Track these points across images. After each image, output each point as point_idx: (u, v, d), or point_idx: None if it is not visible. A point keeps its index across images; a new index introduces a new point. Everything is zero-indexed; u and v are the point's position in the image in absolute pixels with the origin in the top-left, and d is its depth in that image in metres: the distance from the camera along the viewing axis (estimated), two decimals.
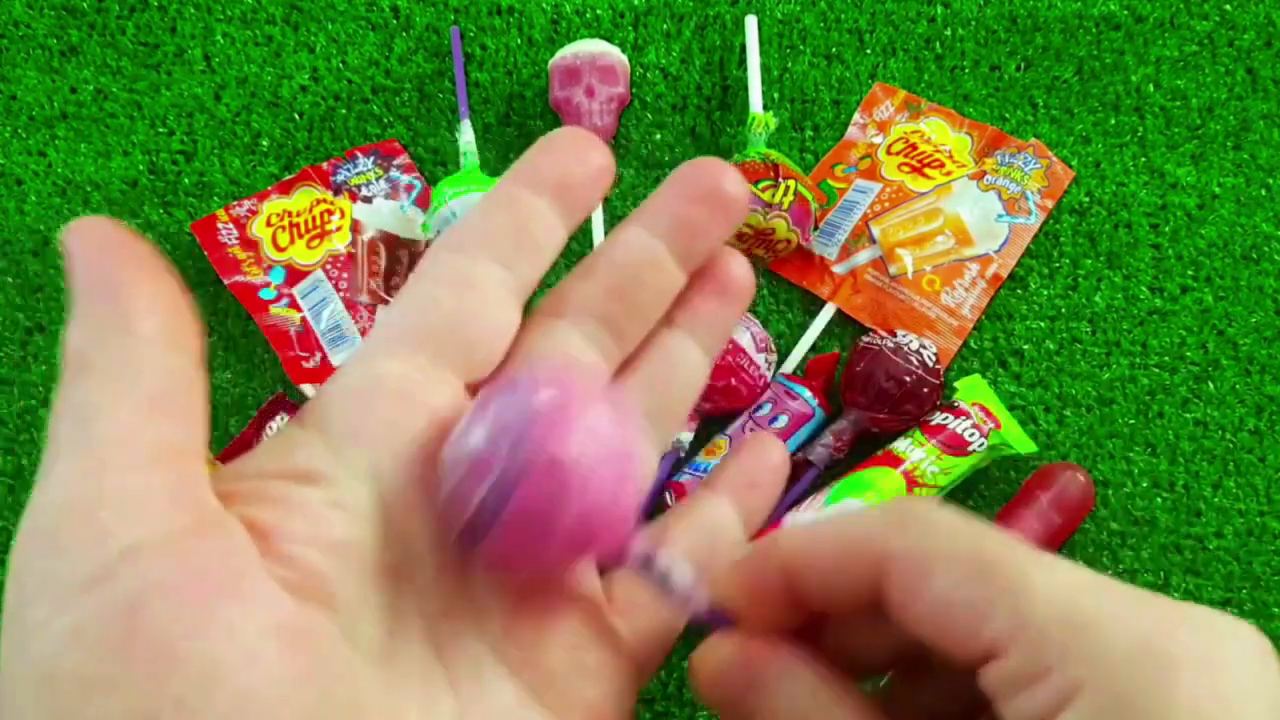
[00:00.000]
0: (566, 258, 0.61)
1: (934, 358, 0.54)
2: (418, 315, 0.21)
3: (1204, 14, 0.66)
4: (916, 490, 0.52)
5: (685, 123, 0.64)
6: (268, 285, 0.59)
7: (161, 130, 0.64)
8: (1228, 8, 0.66)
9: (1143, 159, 0.63)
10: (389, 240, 0.60)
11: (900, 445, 0.54)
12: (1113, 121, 0.64)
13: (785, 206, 0.55)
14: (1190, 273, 0.60)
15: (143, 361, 0.17)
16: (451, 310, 0.21)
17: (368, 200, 0.61)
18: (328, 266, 0.59)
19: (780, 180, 0.56)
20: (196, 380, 0.18)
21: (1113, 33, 0.66)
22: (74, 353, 0.17)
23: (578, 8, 0.67)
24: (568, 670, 0.21)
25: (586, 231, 0.61)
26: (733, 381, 0.54)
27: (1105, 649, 0.16)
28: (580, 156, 0.23)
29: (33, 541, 0.16)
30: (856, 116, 0.64)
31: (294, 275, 0.59)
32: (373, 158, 0.63)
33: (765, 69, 0.64)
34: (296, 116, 0.64)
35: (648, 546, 0.20)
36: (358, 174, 0.62)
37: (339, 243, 0.60)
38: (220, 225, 0.60)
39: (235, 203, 0.61)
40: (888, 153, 0.63)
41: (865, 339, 0.56)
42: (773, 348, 0.56)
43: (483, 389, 0.20)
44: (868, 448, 0.55)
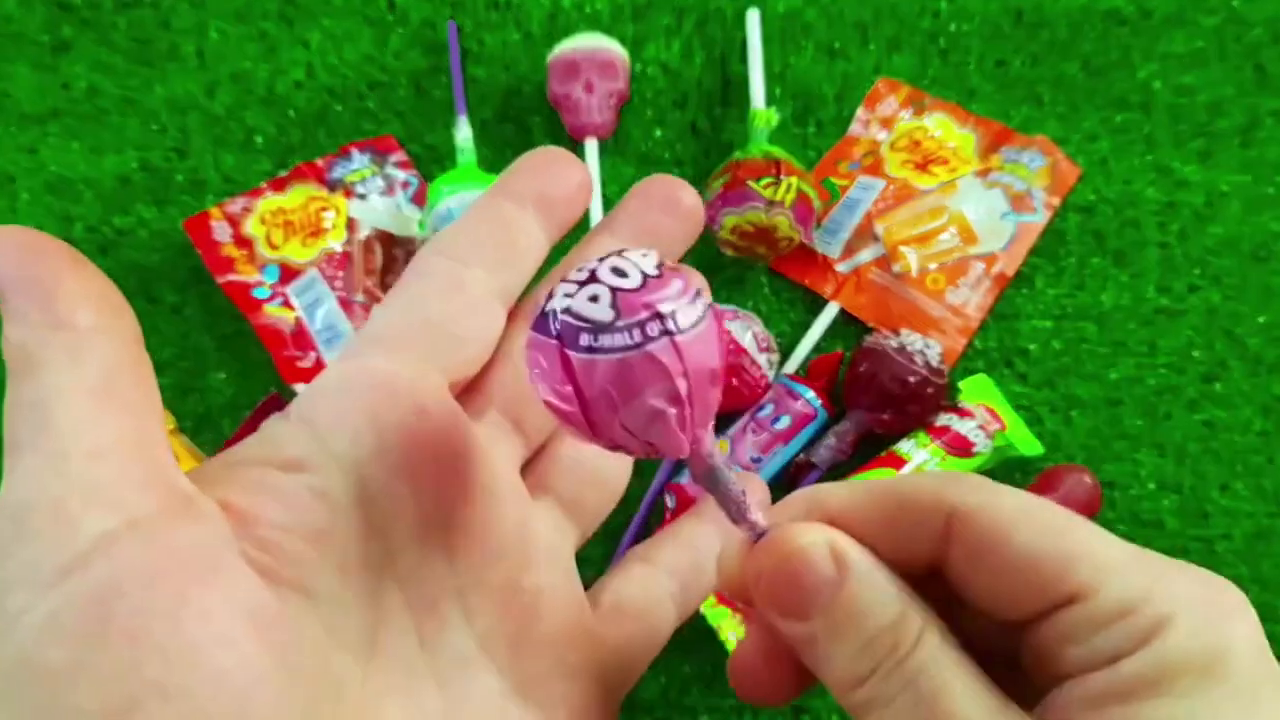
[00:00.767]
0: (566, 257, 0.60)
1: (938, 358, 0.53)
2: (406, 315, 0.22)
3: (1212, 9, 0.65)
4: None
5: (686, 119, 0.63)
6: (261, 284, 0.58)
7: (154, 127, 0.63)
8: (1235, 3, 0.65)
9: (1150, 156, 0.62)
10: (385, 238, 0.59)
11: (904, 446, 0.53)
12: (1119, 118, 0.63)
13: (787, 204, 0.55)
14: (1198, 272, 0.60)
15: (86, 352, 0.18)
16: (439, 311, 0.22)
17: (363, 198, 0.60)
18: (323, 265, 0.58)
19: (782, 177, 0.55)
20: (141, 364, 0.19)
21: (1119, 28, 0.65)
22: (17, 351, 0.17)
23: (576, 2, 0.66)
24: (551, 669, 0.21)
25: (586, 230, 0.60)
26: (734, 382, 0.53)
27: (1189, 598, 0.17)
28: (560, 175, 0.24)
29: (4, 535, 0.16)
30: (860, 113, 0.64)
31: (288, 274, 0.58)
32: (368, 154, 0.62)
33: (767, 64, 0.63)
34: (291, 113, 0.63)
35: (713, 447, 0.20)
36: (353, 171, 0.61)
37: (334, 241, 0.59)
38: (213, 223, 0.59)
39: (229, 200, 0.60)
40: (891, 149, 0.62)
41: (868, 339, 0.55)
42: (775, 347, 0.56)
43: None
44: (871, 449, 0.54)
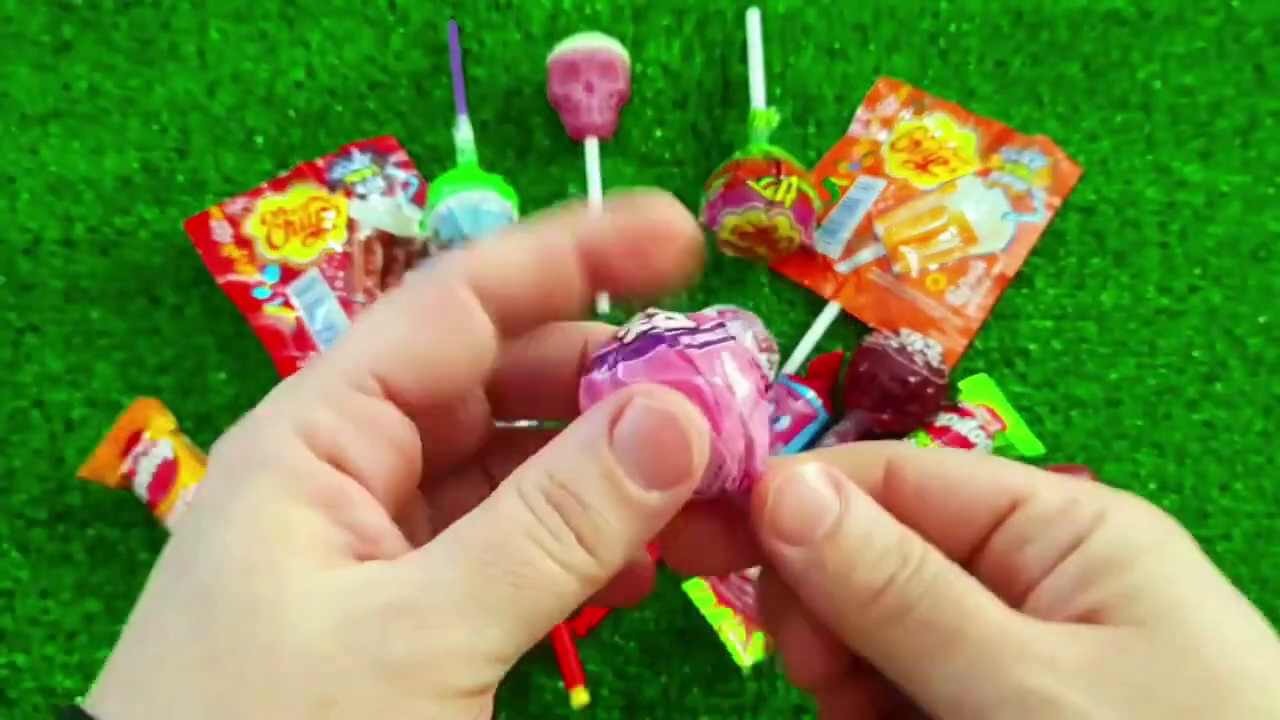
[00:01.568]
0: None
1: (939, 358, 0.53)
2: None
3: (1211, 10, 0.65)
4: None
5: (686, 119, 0.63)
6: (262, 284, 0.58)
7: (155, 127, 0.63)
8: (1235, 4, 0.65)
9: (1150, 156, 0.62)
10: (385, 238, 0.59)
11: None
12: (1120, 118, 0.63)
13: (788, 204, 0.55)
14: (1198, 272, 0.60)
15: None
16: None
17: (363, 198, 0.60)
18: (323, 265, 0.58)
19: (782, 177, 0.55)
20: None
21: (1119, 28, 0.65)
22: None
23: (577, 2, 0.66)
24: None
25: None
26: None
27: (1107, 494, 0.20)
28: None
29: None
30: (860, 113, 0.64)
31: (288, 274, 0.58)
32: (369, 154, 0.62)
33: (767, 64, 0.63)
34: (291, 113, 0.63)
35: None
36: (353, 171, 0.61)
37: (334, 241, 0.59)
38: (214, 223, 0.59)
39: (229, 200, 0.60)
40: (892, 149, 0.62)
41: (869, 339, 0.55)
42: (775, 347, 0.56)
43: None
44: None
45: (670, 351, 0.20)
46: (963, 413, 0.53)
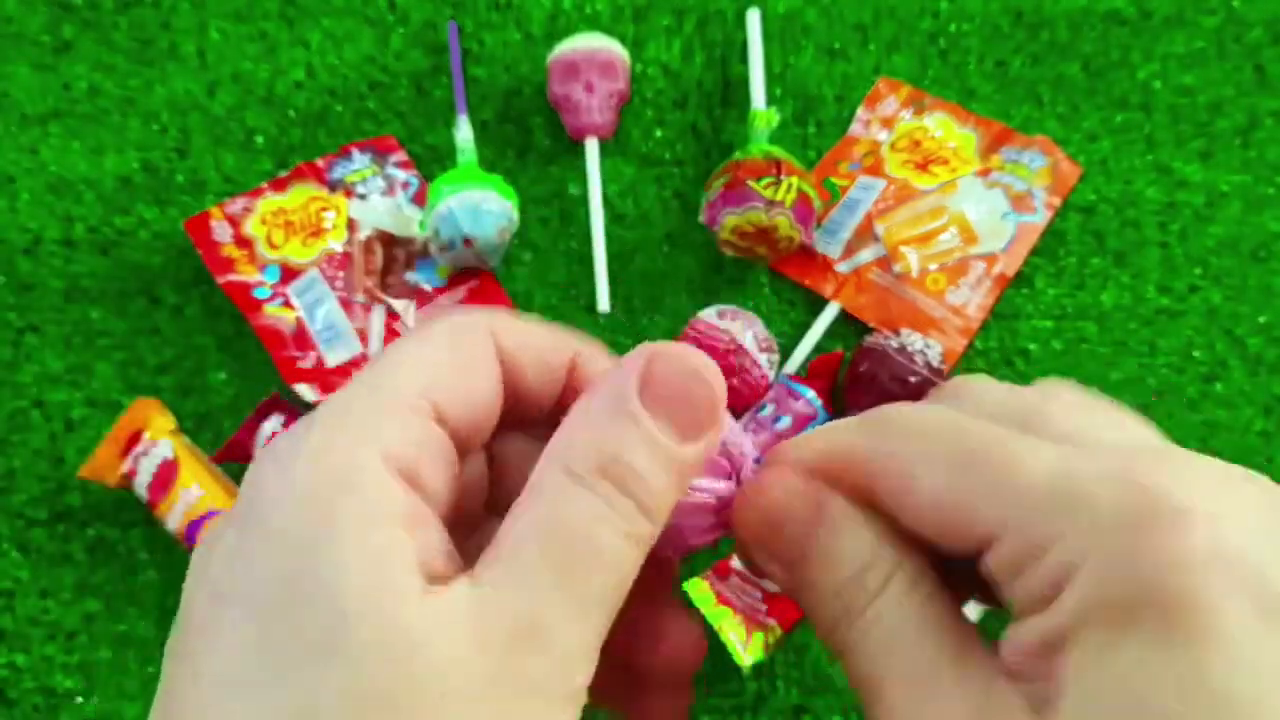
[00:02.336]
0: (567, 257, 0.60)
1: (939, 358, 0.53)
2: None
3: (1211, 10, 0.65)
4: None
5: (686, 119, 0.63)
6: (262, 284, 0.58)
7: (155, 127, 0.63)
8: (1235, 4, 0.65)
9: (1150, 156, 0.62)
10: (385, 238, 0.59)
11: None
12: (1120, 118, 0.63)
13: (788, 204, 0.55)
14: (1198, 272, 0.60)
15: None
16: None
17: (363, 198, 0.60)
18: (323, 265, 0.58)
19: (782, 177, 0.55)
20: None
21: (1119, 28, 0.65)
22: None
23: (576, 2, 0.66)
24: None
25: (586, 231, 0.60)
26: (734, 382, 0.53)
27: (1099, 518, 0.16)
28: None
29: None
30: (860, 113, 0.64)
31: (288, 274, 0.58)
32: (369, 154, 0.62)
33: (767, 64, 0.63)
34: (291, 113, 0.63)
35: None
36: (353, 171, 0.61)
37: (334, 241, 0.59)
38: (214, 223, 0.59)
39: (229, 200, 0.60)
40: (892, 149, 0.62)
41: (869, 339, 0.55)
42: (775, 347, 0.56)
43: None
44: None
45: None
46: None
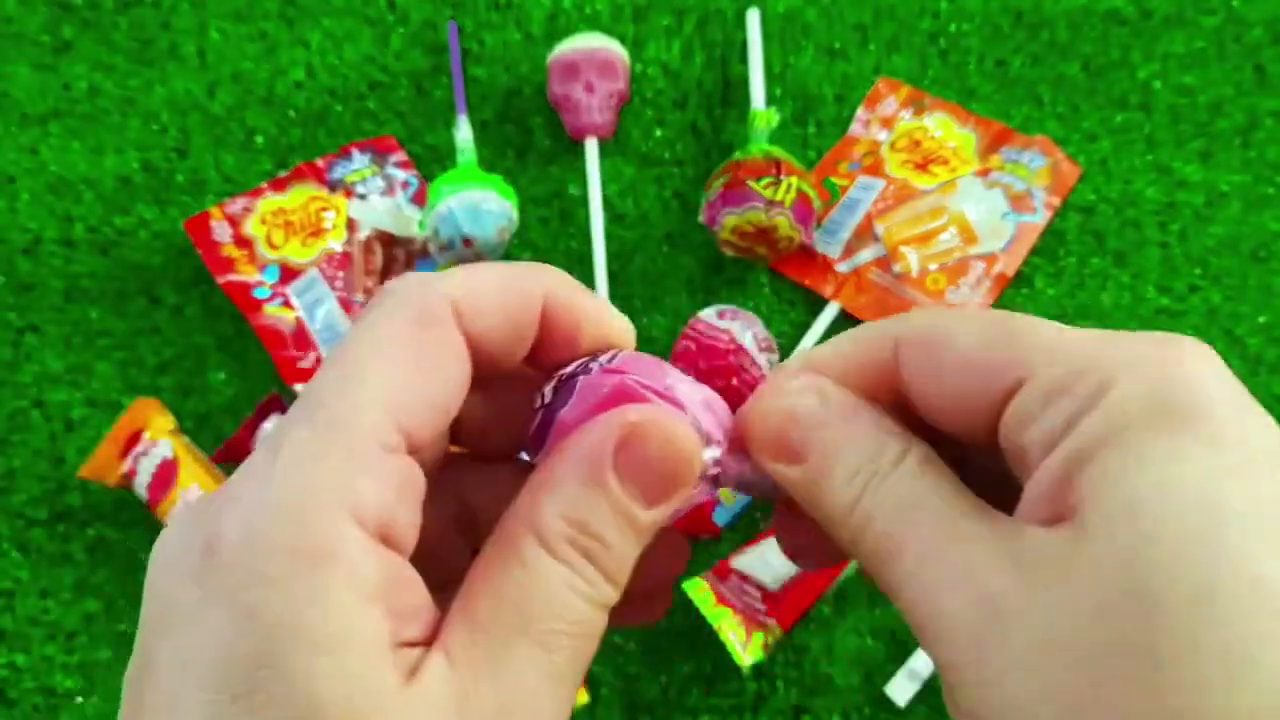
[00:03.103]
0: (566, 257, 0.60)
1: None
2: None
3: (1211, 10, 0.65)
4: None
5: (686, 119, 0.63)
6: (261, 284, 0.58)
7: (155, 127, 0.63)
8: (1235, 4, 0.65)
9: (1150, 156, 0.62)
10: (385, 238, 0.59)
11: None
12: (1119, 118, 0.63)
13: (787, 204, 0.55)
14: (1198, 272, 0.59)
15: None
16: None
17: (363, 198, 0.60)
18: (323, 265, 0.58)
19: (782, 177, 0.55)
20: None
21: (1119, 28, 0.65)
22: None
23: (576, 2, 0.66)
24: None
25: (586, 231, 0.60)
26: (734, 382, 0.53)
27: (1134, 355, 0.17)
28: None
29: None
30: (860, 113, 0.64)
31: (288, 274, 0.58)
32: (368, 154, 0.62)
33: (767, 64, 0.63)
34: (291, 113, 0.64)
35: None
36: (353, 171, 0.61)
37: (334, 241, 0.59)
38: (214, 223, 0.59)
39: (229, 200, 0.60)
40: (891, 149, 0.62)
41: None
42: (775, 347, 0.56)
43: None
44: None
45: (592, 378, 0.20)
46: None
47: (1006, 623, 0.16)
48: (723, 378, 0.53)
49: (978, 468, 0.20)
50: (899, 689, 0.49)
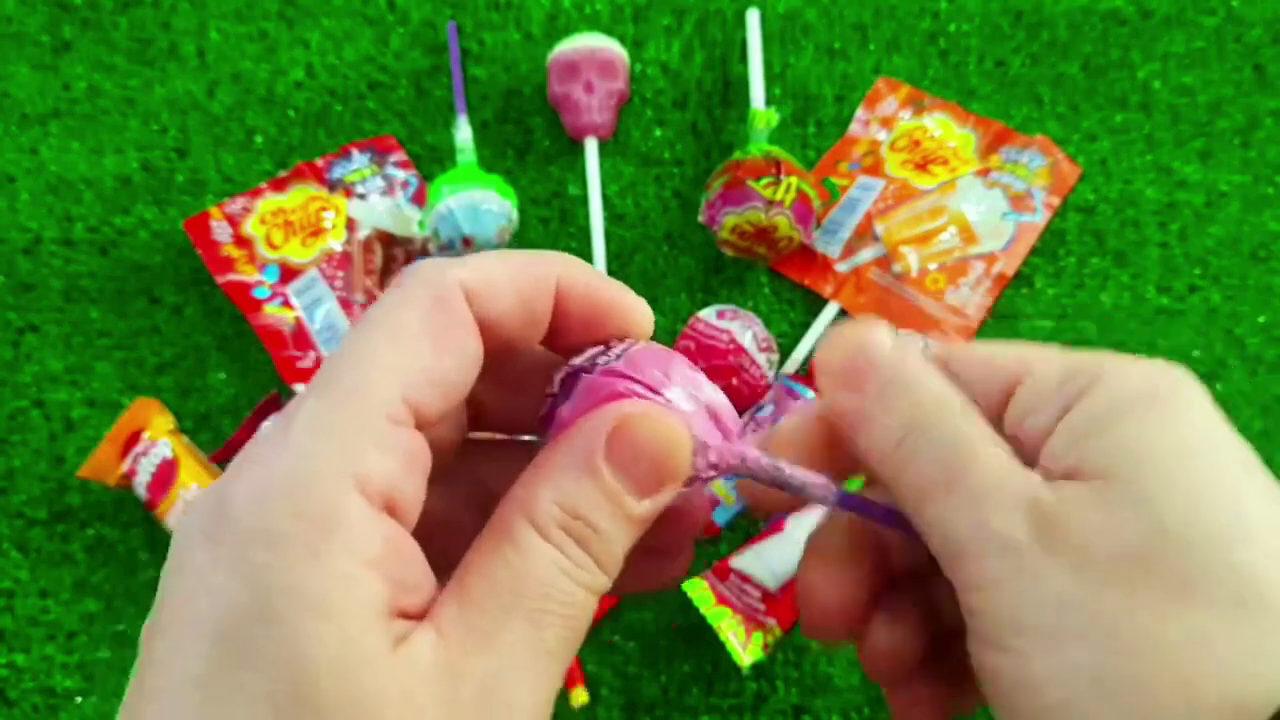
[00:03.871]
0: None
1: None
2: None
3: (1211, 9, 0.65)
4: None
5: (686, 119, 0.63)
6: (261, 284, 0.58)
7: (155, 127, 0.63)
8: (1235, 3, 0.65)
9: (1150, 156, 0.62)
10: (385, 238, 0.59)
11: None
12: (1119, 118, 0.63)
13: (787, 204, 0.55)
14: (1198, 271, 0.59)
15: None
16: None
17: (363, 197, 0.60)
18: (323, 265, 0.58)
19: (782, 177, 0.55)
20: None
21: (1119, 28, 0.65)
22: None
23: (576, 2, 0.66)
24: None
25: (586, 231, 0.60)
26: (734, 382, 0.53)
27: (1119, 360, 0.20)
28: None
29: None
30: (859, 113, 0.64)
31: (288, 274, 0.58)
32: (368, 154, 0.62)
33: (767, 64, 0.63)
34: (291, 113, 0.64)
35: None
36: (353, 171, 0.61)
37: (334, 241, 0.59)
38: (214, 223, 0.59)
39: (229, 200, 0.60)
40: (891, 149, 0.62)
41: None
42: (775, 347, 0.56)
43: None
44: None
45: (593, 378, 0.21)
46: None
47: (1053, 541, 0.19)
48: (722, 377, 0.53)
49: None
50: None
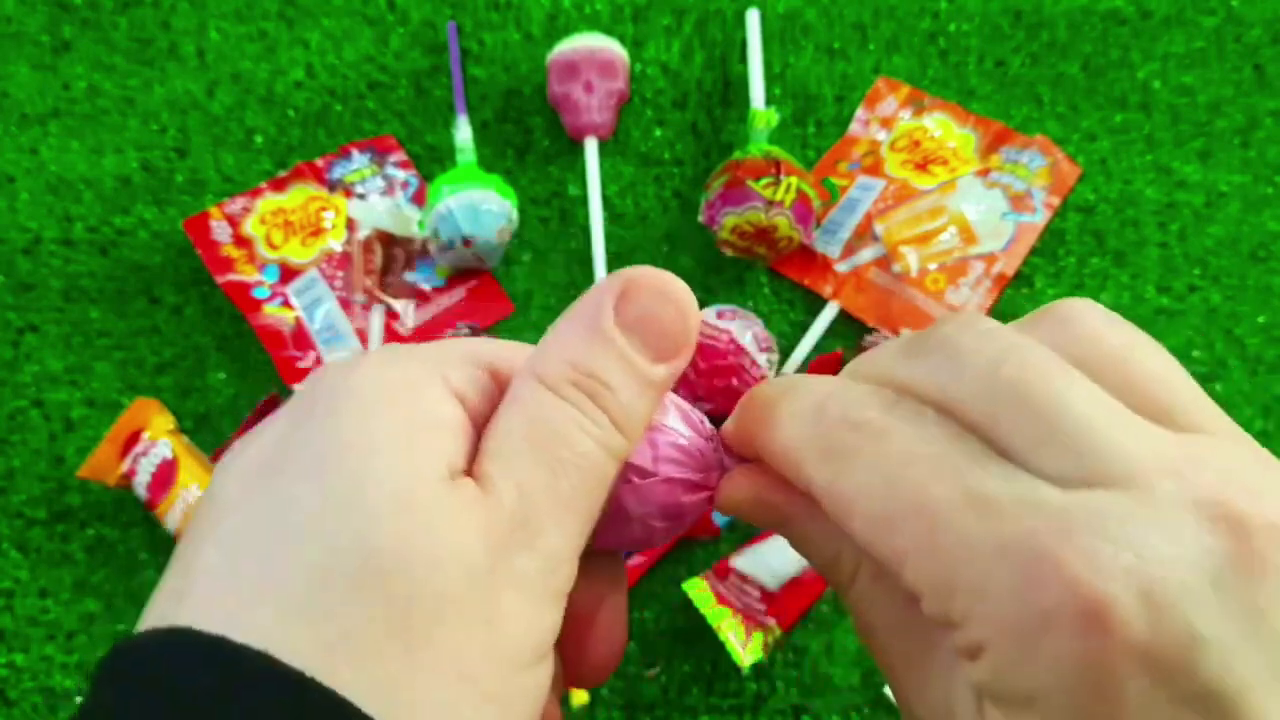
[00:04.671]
0: (566, 257, 0.60)
1: None
2: None
3: (1211, 9, 0.65)
4: None
5: (686, 119, 0.63)
6: (261, 284, 0.58)
7: (154, 127, 0.63)
8: (1234, 3, 0.65)
9: (1149, 156, 0.62)
10: (385, 238, 0.59)
11: None
12: (1119, 118, 0.63)
13: (787, 204, 0.55)
14: (1197, 272, 0.59)
15: None
16: None
17: (363, 197, 0.60)
18: (322, 265, 0.58)
19: (782, 177, 0.55)
20: None
21: (1119, 28, 0.65)
22: None
23: (576, 2, 0.66)
24: None
25: (585, 231, 0.60)
26: (734, 382, 0.53)
27: (993, 613, 0.16)
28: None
29: None
30: (859, 112, 0.64)
31: (288, 274, 0.58)
32: (368, 154, 0.62)
33: (767, 64, 0.63)
34: (291, 113, 0.63)
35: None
36: (353, 171, 0.61)
37: (334, 241, 0.59)
38: (213, 223, 0.59)
39: (229, 200, 0.60)
40: (891, 149, 0.62)
41: (869, 338, 0.55)
42: (775, 347, 0.56)
43: None
44: None
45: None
46: None
47: None
48: (722, 378, 0.53)
49: None
50: None
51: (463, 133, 0.59)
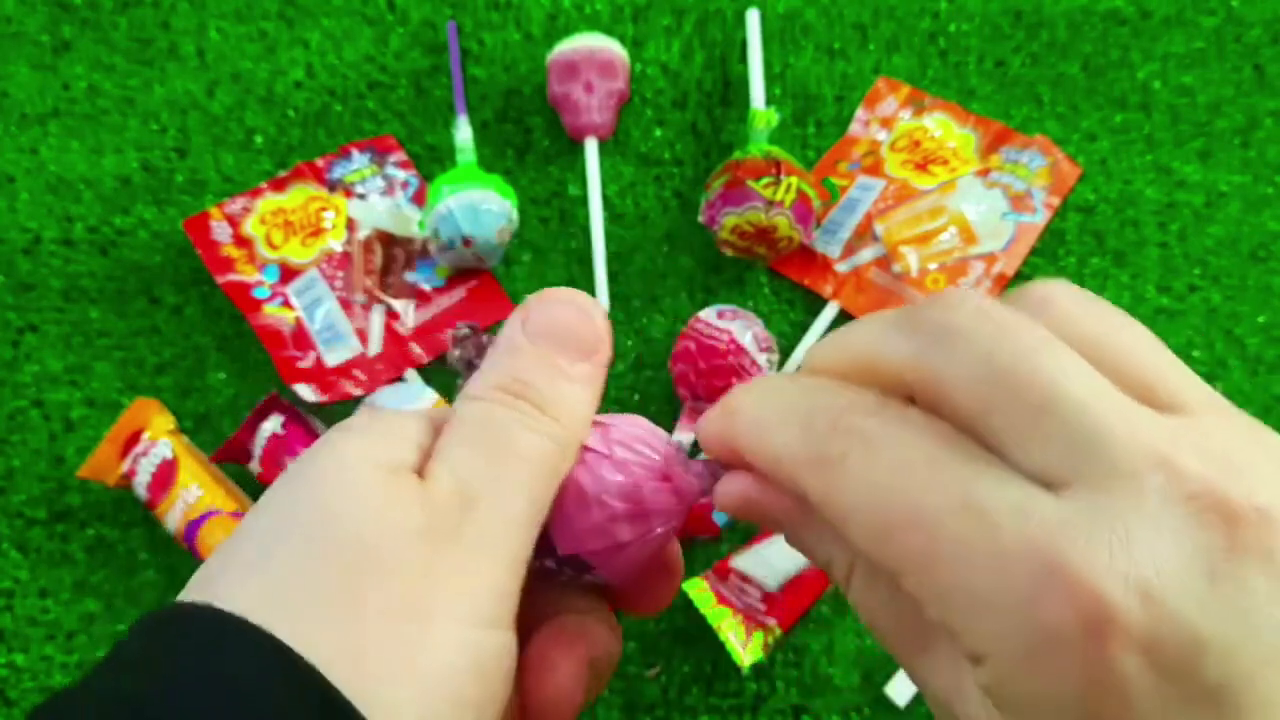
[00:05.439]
0: (566, 257, 0.60)
1: None
2: None
3: (1211, 10, 0.65)
4: None
5: (686, 119, 0.63)
6: (261, 284, 0.58)
7: (154, 127, 0.63)
8: (1234, 4, 0.65)
9: (1150, 156, 0.62)
10: (385, 238, 0.59)
11: None
12: (1119, 118, 0.63)
13: (787, 204, 0.55)
14: (1197, 271, 0.60)
15: None
16: None
17: (363, 197, 0.60)
18: (322, 265, 0.58)
19: (782, 177, 0.55)
20: None
21: (1119, 28, 0.65)
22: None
23: (576, 2, 0.66)
24: None
25: (586, 231, 0.60)
26: (734, 382, 0.53)
27: (991, 629, 0.16)
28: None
29: None
30: (859, 113, 0.64)
31: (288, 274, 0.58)
32: (368, 154, 0.62)
33: (767, 64, 0.63)
34: (291, 113, 0.63)
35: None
36: (353, 171, 0.61)
37: (334, 241, 0.59)
38: (213, 223, 0.59)
39: (229, 200, 0.60)
40: (891, 149, 0.62)
41: None
42: (775, 347, 0.56)
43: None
44: None
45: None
46: None
47: None
48: (722, 377, 0.53)
49: None
50: (899, 689, 0.49)
51: (463, 133, 0.59)
